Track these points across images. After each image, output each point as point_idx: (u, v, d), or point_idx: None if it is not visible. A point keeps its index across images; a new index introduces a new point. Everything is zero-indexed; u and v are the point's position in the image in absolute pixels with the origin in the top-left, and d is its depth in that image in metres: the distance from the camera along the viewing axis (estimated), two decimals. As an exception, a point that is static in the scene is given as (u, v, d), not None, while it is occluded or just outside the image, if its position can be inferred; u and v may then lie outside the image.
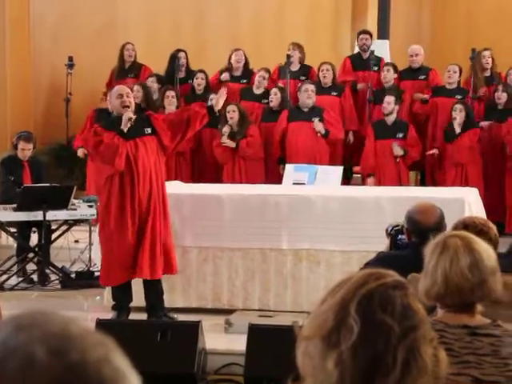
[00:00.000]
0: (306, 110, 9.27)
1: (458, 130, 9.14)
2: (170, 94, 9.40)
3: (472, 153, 9.21)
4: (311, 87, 9.27)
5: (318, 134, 9.19)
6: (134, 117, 6.42)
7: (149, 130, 6.51)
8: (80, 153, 9.57)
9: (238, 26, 11.93)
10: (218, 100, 6.59)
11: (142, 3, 11.70)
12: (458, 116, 9.12)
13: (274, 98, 9.50)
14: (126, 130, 6.40)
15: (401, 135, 9.25)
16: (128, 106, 6.45)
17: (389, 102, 9.20)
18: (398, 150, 9.16)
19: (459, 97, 9.57)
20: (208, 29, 11.85)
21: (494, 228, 4.08)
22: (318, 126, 9.19)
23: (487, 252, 2.92)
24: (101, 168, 6.62)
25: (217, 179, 9.10)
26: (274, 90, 9.58)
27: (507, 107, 9.35)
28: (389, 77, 9.72)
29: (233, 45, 10.50)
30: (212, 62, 10.45)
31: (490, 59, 9.80)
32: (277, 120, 9.41)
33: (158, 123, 6.55)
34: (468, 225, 3.96)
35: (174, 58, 10.21)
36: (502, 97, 9.35)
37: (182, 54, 10.27)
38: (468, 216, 4.34)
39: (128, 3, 11.62)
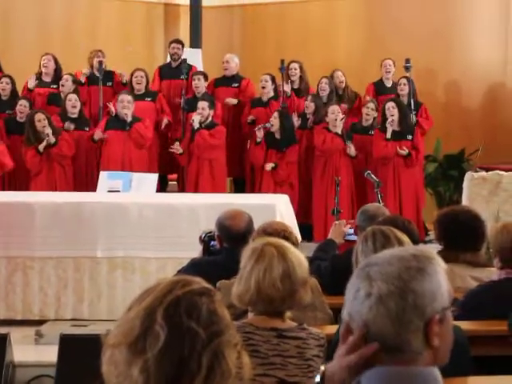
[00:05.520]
0: (122, 118, 9.16)
1: (277, 135, 9.26)
2: None
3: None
4: (127, 98, 9.17)
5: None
6: None
7: None
8: None
9: (48, 31, 11.61)
10: None
11: None
12: (274, 123, 9.26)
13: (77, 105, 9.30)
14: None
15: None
16: None
17: (203, 107, 9.27)
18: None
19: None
20: (15, 32, 11.47)
21: (293, 232, 4.17)
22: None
23: (299, 261, 3.02)
24: None
25: (26, 188, 8.82)
26: (72, 96, 9.35)
27: (316, 117, 9.62)
28: (200, 85, 9.81)
29: (42, 50, 10.23)
30: (19, 66, 10.13)
31: (298, 71, 10.01)
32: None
33: None
34: (270, 233, 3.93)
35: None
36: (309, 106, 9.62)
37: None
38: (266, 223, 4.21)
39: None
